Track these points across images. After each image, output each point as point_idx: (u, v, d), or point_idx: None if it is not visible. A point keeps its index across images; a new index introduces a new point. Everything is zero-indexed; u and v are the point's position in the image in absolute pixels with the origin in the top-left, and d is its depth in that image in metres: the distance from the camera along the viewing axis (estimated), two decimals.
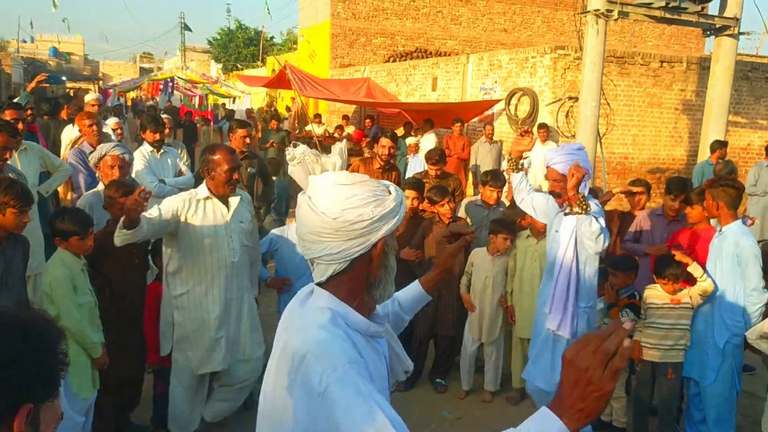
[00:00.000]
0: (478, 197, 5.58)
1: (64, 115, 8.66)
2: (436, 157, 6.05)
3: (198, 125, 18.69)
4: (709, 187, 4.15)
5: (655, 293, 4.22)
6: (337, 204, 1.47)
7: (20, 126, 4.93)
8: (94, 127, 6.03)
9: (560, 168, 3.96)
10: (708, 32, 10.29)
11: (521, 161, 4.34)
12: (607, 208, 5.22)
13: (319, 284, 1.55)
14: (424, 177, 5.89)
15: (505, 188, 5.47)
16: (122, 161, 4.54)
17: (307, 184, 1.57)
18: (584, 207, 3.68)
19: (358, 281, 1.53)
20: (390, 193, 1.54)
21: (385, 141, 6.12)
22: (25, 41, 49.98)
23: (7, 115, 4.84)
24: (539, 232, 4.78)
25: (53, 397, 1.05)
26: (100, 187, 4.40)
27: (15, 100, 8.26)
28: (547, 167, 4.18)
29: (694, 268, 4.09)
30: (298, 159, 5.00)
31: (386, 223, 1.51)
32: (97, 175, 4.78)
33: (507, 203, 5.76)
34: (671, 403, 4.29)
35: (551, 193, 4.27)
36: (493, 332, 4.90)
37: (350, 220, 1.46)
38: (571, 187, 3.67)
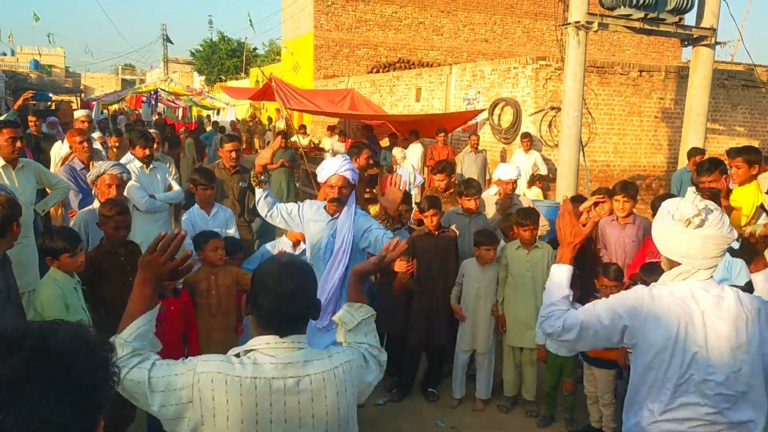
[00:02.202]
0: (460, 207, 5.67)
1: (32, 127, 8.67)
2: (440, 167, 6.12)
3: (183, 137, 18.66)
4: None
5: None
6: None
7: (18, 144, 4.95)
8: (85, 144, 6.07)
9: None
10: (686, 42, 10.52)
11: None
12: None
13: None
14: (435, 191, 5.97)
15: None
16: (119, 180, 4.59)
17: None
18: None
19: None
20: None
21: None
22: (5, 54, 49.59)
23: (6, 134, 4.86)
24: (529, 242, 4.89)
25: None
26: (96, 204, 4.45)
27: (2, 118, 8.25)
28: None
29: None
30: None
31: None
32: (93, 192, 4.82)
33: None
34: None
35: None
36: (486, 342, 4.99)
37: None
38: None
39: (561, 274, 2.57)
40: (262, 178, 4.06)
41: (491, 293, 4.98)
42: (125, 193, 5.28)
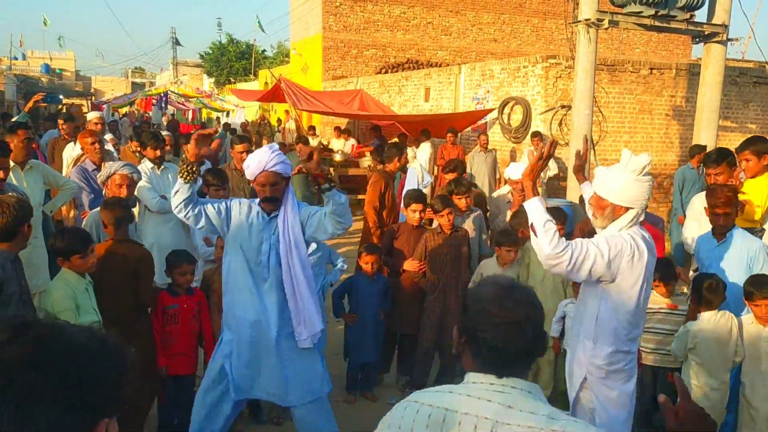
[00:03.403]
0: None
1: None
2: (452, 165, 6.11)
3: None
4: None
5: (651, 297, 4.29)
6: None
7: (32, 146, 4.99)
8: (96, 145, 6.09)
9: None
10: (697, 39, 10.44)
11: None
12: None
13: None
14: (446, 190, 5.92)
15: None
16: (130, 180, 4.59)
17: None
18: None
19: None
20: None
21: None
22: (16, 58, 49.97)
23: (20, 135, 4.90)
24: None
25: (117, 414, 1.11)
26: None
27: (13, 120, 8.32)
28: None
29: None
30: None
31: None
32: (104, 192, 4.84)
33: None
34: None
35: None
36: None
37: None
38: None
39: (535, 205, 2.96)
40: (194, 169, 3.37)
41: None
42: (136, 194, 5.30)
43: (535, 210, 2.94)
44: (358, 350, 5.01)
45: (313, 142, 16.32)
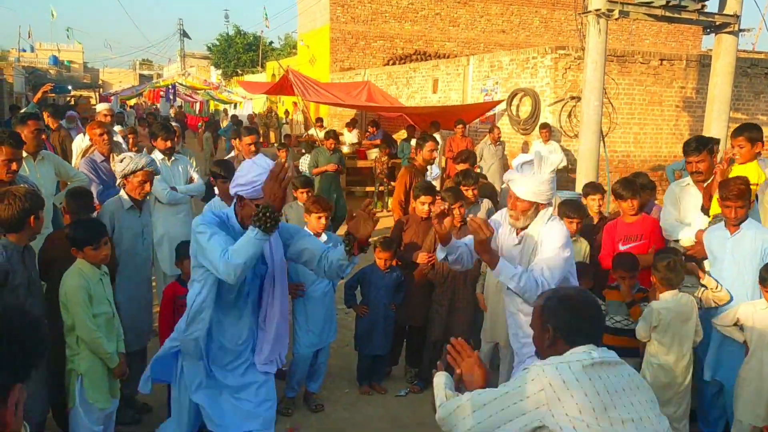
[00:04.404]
0: None
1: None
2: (463, 156, 6.07)
3: (200, 131, 18.75)
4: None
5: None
6: None
7: (42, 137, 5.00)
8: (105, 137, 6.10)
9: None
10: (708, 30, 10.34)
11: None
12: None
13: None
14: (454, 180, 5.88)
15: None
16: (152, 177, 4.57)
17: None
18: None
19: None
20: None
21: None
22: (24, 50, 50.09)
23: (30, 126, 4.91)
24: (571, 235, 4.82)
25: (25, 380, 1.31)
26: (122, 194, 4.44)
27: (23, 111, 8.34)
28: None
29: (708, 281, 4.15)
30: None
31: None
32: (118, 183, 4.81)
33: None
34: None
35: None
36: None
37: None
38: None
39: (504, 270, 3.27)
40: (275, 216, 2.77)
41: None
42: None
43: (505, 273, 3.26)
44: (369, 342, 5.01)
45: (320, 133, 16.28)
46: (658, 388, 3.66)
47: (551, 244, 3.39)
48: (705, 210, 4.70)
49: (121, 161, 4.43)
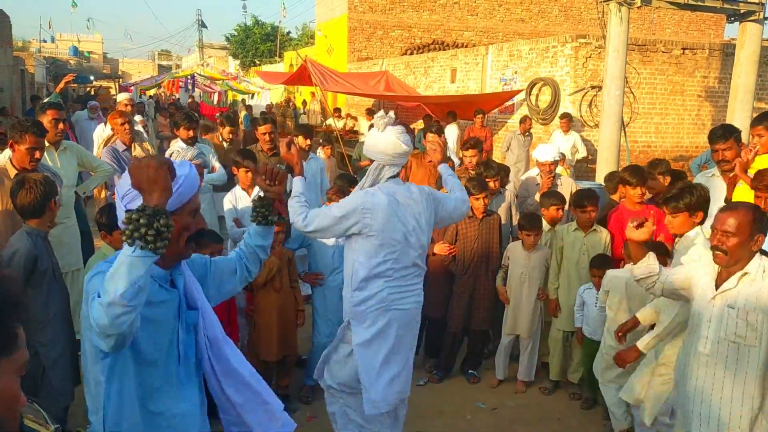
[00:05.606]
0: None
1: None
2: (471, 142, 6.00)
3: (219, 122, 18.79)
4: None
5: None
6: None
7: (61, 126, 5.03)
8: (126, 126, 6.14)
9: None
10: (732, 18, 10.17)
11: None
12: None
13: None
14: (464, 171, 5.83)
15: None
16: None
17: None
18: None
19: None
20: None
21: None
22: (45, 41, 50.49)
23: (49, 115, 4.94)
24: (587, 225, 4.79)
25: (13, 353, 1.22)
26: None
27: (45, 101, 8.42)
28: None
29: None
30: None
31: None
32: None
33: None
34: None
35: None
36: (529, 327, 4.89)
37: None
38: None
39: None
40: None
41: (536, 278, 4.86)
42: None
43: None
44: None
45: (339, 123, 16.27)
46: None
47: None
48: (728, 201, 4.62)
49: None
